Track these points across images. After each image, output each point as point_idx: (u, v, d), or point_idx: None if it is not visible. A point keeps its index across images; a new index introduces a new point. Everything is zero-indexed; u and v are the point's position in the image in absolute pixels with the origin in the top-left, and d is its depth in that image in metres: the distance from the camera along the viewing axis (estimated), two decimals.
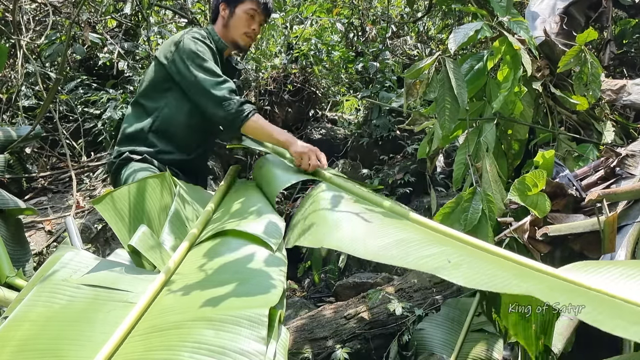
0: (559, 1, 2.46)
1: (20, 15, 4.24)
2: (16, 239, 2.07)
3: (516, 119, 2.04)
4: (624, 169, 1.66)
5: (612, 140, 2.09)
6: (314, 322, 2.22)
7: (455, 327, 1.86)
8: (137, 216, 1.43)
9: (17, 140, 3.07)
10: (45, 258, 3.02)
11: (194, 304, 1.06)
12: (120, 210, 1.40)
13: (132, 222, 1.40)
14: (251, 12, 2.08)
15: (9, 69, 4.42)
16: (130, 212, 1.42)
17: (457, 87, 1.60)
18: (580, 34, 1.95)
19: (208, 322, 0.99)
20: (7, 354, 0.90)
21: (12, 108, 4.25)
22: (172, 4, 4.88)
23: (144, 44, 4.52)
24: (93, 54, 4.70)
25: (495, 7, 1.80)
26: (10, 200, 2.07)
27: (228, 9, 2.09)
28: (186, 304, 1.07)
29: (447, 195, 3.40)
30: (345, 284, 2.86)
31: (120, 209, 1.41)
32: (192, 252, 1.37)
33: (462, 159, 1.90)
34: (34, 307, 1.04)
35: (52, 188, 3.96)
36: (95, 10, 4.55)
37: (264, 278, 1.19)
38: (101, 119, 4.10)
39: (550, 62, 2.22)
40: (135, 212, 1.44)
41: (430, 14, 4.93)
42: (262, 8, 2.09)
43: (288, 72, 4.56)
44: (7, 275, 1.74)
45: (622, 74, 2.92)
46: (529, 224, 1.57)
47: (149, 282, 1.16)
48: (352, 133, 4.32)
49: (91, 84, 4.51)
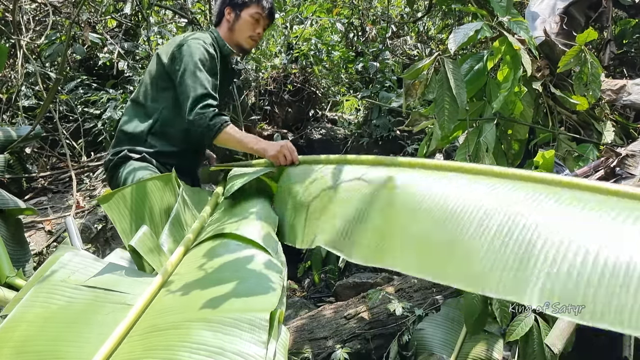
0: (559, 1, 2.46)
1: (20, 15, 4.24)
2: (16, 239, 2.07)
3: (516, 119, 2.03)
4: (624, 169, 1.66)
5: (612, 140, 2.08)
6: (314, 322, 2.22)
7: (455, 327, 1.86)
8: (140, 216, 1.44)
9: (17, 140, 3.07)
10: (45, 258, 3.02)
11: (193, 304, 1.06)
12: (125, 209, 1.41)
13: (135, 222, 1.41)
14: (256, 16, 2.11)
15: (9, 69, 4.42)
16: (134, 211, 1.43)
17: (455, 88, 1.60)
18: (580, 34, 1.95)
19: (207, 323, 0.98)
20: (4, 356, 0.90)
21: (12, 108, 4.25)
22: (172, 4, 4.88)
23: (144, 44, 4.52)
24: (93, 54, 4.70)
25: (495, 7, 1.80)
26: (10, 200, 2.07)
27: (233, 12, 2.12)
28: (185, 305, 1.07)
29: None
30: (345, 284, 2.86)
31: (125, 209, 1.41)
32: (190, 254, 1.37)
33: (462, 159, 1.90)
34: (32, 307, 1.03)
35: (52, 188, 3.96)
36: (95, 10, 4.55)
37: (263, 278, 1.19)
38: (101, 119, 4.10)
39: (550, 62, 2.22)
40: (139, 212, 1.44)
41: (430, 14, 4.93)
42: (267, 13, 2.13)
43: (288, 72, 4.56)
44: (7, 275, 1.74)
45: (622, 74, 2.92)
46: None
47: (147, 284, 1.16)
48: (352, 133, 4.32)
49: (91, 84, 4.51)
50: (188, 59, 1.93)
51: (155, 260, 1.26)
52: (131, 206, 1.42)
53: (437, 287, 2.22)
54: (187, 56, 1.94)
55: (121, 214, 1.39)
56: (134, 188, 1.46)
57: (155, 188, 1.53)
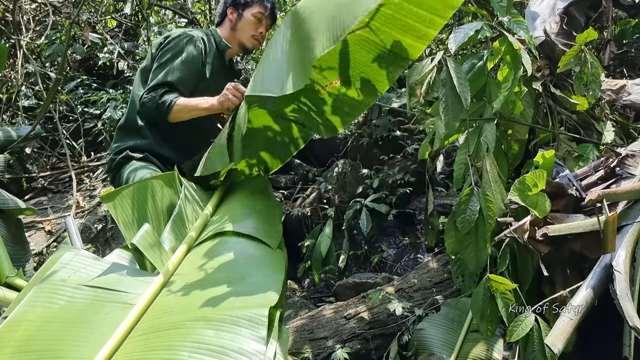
0: (559, 1, 2.46)
1: (20, 15, 4.24)
2: (16, 239, 2.07)
3: (516, 119, 2.03)
4: (624, 169, 1.66)
5: (612, 140, 2.08)
6: (314, 322, 2.22)
7: (455, 327, 1.86)
8: (142, 214, 1.44)
9: (17, 140, 3.08)
10: (45, 258, 3.02)
11: (194, 304, 1.06)
12: (128, 208, 1.42)
13: (138, 221, 1.41)
14: (259, 16, 2.13)
15: (9, 69, 4.42)
16: (136, 210, 1.43)
17: (459, 86, 1.59)
18: (580, 34, 1.95)
19: (207, 322, 0.99)
20: (6, 355, 0.90)
21: (12, 108, 4.25)
22: (172, 4, 4.88)
23: (144, 44, 4.52)
24: (93, 54, 4.70)
25: (495, 7, 1.80)
26: (10, 200, 2.07)
27: (236, 12, 2.15)
28: (186, 304, 1.07)
29: (447, 195, 3.40)
30: (345, 284, 2.86)
31: (128, 207, 1.42)
32: (191, 253, 1.37)
33: (463, 159, 1.90)
34: (33, 307, 1.03)
35: (52, 188, 3.96)
36: (95, 10, 4.55)
37: (263, 277, 1.19)
38: (101, 119, 4.10)
39: (550, 62, 2.22)
40: (141, 210, 1.45)
41: None
42: (270, 12, 2.15)
43: None
44: (7, 275, 1.74)
45: (622, 74, 2.92)
46: (529, 224, 1.57)
47: (148, 283, 1.16)
48: (352, 133, 4.31)
49: (91, 84, 4.51)
50: (166, 51, 1.99)
51: (156, 259, 1.26)
52: (133, 204, 1.43)
53: (437, 287, 2.22)
54: (167, 48, 2.00)
55: (124, 212, 1.40)
56: (136, 187, 1.47)
57: (158, 187, 1.54)
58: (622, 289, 1.29)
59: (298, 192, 3.90)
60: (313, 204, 3.54)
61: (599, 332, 1.43)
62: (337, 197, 3.49)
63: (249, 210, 1.60)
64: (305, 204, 3.58)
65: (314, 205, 3.52)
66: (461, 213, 1.69)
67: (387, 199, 3.37)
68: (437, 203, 3.24)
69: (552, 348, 1.26)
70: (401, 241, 3.26)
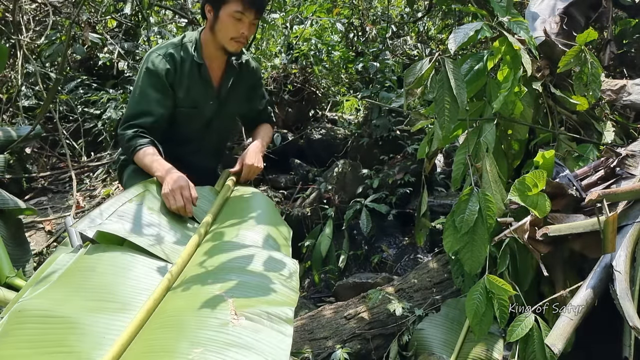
0: (559, 1, 2.45)
1: (20, 15, 4.24)
2: (16, 239, 2.07)
3: (516, 119, 2.03)
4: (624, 169, 1.66)
5: (612, 140, 2.08)
6: (314, 322, 2.22)
7: (455, 327, 1.86)
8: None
9: (17, 140, 3.07)
10: (45, 258, 3.02)
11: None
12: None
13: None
14: (237, 15, 1.82)
15: (9, 69, 4.42)
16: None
17: (456, 88, 1.59)
18: (580, 34, 1.95)
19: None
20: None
21: (12, 108, 4.24)
22: (172, 4, 4.88)
23: (144, 44, 4.52)
24: (93, 54, 4.70)
25: (495, 7, 1.80)
26: (10, 200, 2.07)
27: (213, 11, 1.87)
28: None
29: (447, 195, 3.40)
30: (345, 284, 2.86)
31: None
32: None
33: (462, 159, 1.90)
34: None
35: (52, 188, 3.96)
36: (95, 10, 4.54)
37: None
38: (101, 119, 4.10)
39: (550, 62, 2.21)
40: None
41: (430, 14, 4.93)
42: (250, 4, 1.81)
43: (288, 72, 4.56)
44: (7, 275, 1.74)
45: (622, 74, 2.91)
46: (529, 224, 1.57)
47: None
48: (352, 133, 4.31)
49: (91, 84, 4.51)
50: (139, 75, 1.97)
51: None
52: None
53: (437, 287, 2.22)
54: (140, 72, 1.97)
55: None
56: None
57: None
58: (622, 289, 1.29)
59: (298, 192, 3.90)
60: (313, 204, 3.54)
61: (599, 332, 1.43)
62: (337, 197, 3.49)
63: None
64: (305, 204, 3.58)
65: (314, 205, 3.52)
66: (460, 213, 1.69)
67: (387, 199, 3.37)
68: (437, 203, 3.25)
69: (552, 348, 1.26)
70: (401, 241, 3.26)
